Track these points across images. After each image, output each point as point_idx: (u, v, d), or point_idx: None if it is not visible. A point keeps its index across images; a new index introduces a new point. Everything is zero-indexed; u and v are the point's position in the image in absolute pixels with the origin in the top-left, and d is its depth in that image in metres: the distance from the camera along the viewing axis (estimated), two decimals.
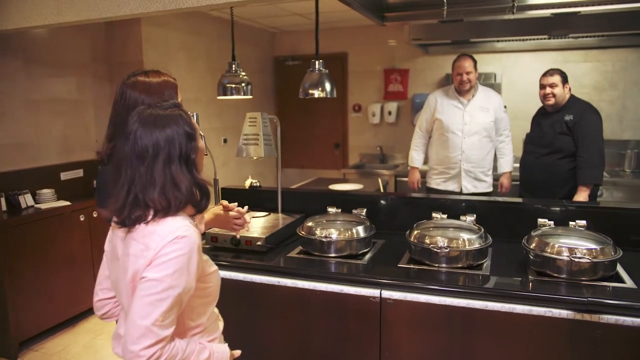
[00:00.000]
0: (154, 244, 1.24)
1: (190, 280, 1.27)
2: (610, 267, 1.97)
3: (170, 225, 1.26)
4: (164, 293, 1.22)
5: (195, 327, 1.40)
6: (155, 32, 4.25)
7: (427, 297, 2.00)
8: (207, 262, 1.42)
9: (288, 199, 2.97)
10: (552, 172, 3.41)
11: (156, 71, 1.76)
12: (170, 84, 1.72)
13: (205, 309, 1.41)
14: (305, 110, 6.15)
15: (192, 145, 1.32)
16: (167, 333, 1.24)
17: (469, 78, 3.52)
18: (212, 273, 1.43)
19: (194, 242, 1.28)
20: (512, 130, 5.20)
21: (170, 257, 1.23)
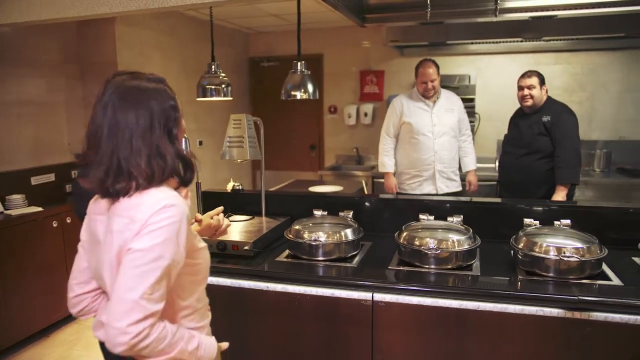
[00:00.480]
0: (141, 214, 1.17)
1: (179, 252, 1.20)
2: (596, 265, 2.01)
3: (156, 195, 1.21)
4: (153, 264, 1.14)
5: (186, 308, 1.32)
6: (129, 31, 4.14)
7: (419, 299, 2.00)
8: (197, 237, 1.35)
9: (271, 201, 2.93)
10: (531, 173, 3.48)
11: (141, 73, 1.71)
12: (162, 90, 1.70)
13: (195, 287, 1.34)
14: (280, 112, 6.10)
15: (177, 117, 1.31)
16: (157, 308, 1.16)
17: (433, 85, 3.57)
18: (202, 249, 1.35)
19: (182, 211, 1.21)
20: (486, 130, 5.34)
21: (160, 225, 1.16)
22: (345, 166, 5.75)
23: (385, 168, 3.76)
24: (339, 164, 5.86)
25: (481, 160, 5.32)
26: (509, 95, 5.08)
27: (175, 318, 1.30)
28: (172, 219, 1.18)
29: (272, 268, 2.27)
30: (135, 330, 1.12)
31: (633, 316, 1.79)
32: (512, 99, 4.99)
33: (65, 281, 1.44)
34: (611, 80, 4.90)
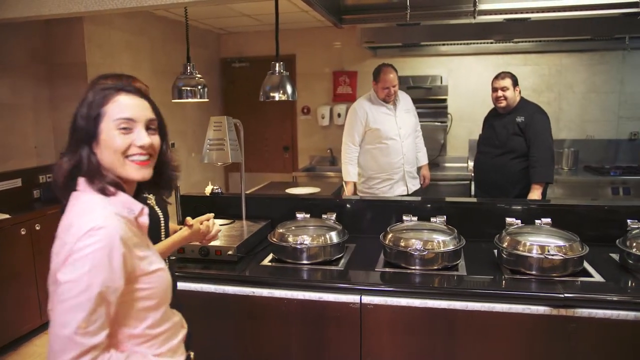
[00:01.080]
0: (70, 237, 1.10)
1: (114, 277, 1.10)
2: (579, 262, 2.06)
3: (89, 216, 1.12)
4: (82, 295, 1.06)
5: (138, 337, 1.19)
6: (98, 31, 4.01)
7: (408, 301, 2.00)
8: (146, 260, 1.20)
9: (251, 205, 2.88)
10: (506, 172, 3.54)
11: (128, 76, 1.71)
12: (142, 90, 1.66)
13: (147, 314, 1.20)
14: (253, 113, 6.03)
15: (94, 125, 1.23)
16: (96, 341, 1.07)
17: (395, 90, 3.59)
18: (153, 273, 1.21)
19: (113, 234, 1.11)
20: (458, 131, 5.42)
21: (85, 253, 1.07)
22: (320, 167, 5.73)
23: (350, 177, 3.70)
24: (313, 165, 5.84)
25: (453, 160, 5.43)
26: (479, 96, 5.20)
27: (124, 346, 1.19)
28: (99, 244, 1.09)
29: (257, 273, 2.23)
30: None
31: (616, 311, 1.84)
32: (483, 99, 5.09)
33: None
34: (577, 81, 5.06)
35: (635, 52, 4.83)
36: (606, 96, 5.02)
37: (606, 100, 5.03)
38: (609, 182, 4.45)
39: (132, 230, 1.18)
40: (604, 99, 5.03)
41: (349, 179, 3.68)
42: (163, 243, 1.75)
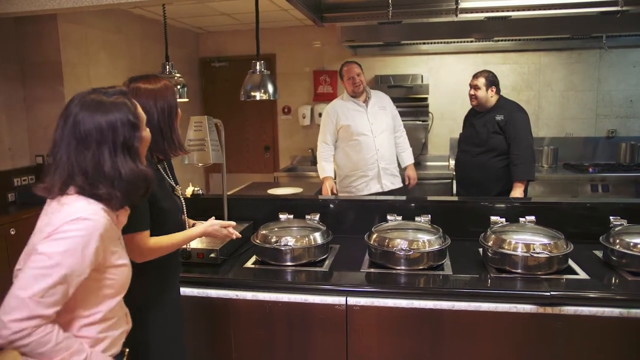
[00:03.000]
0: (56, 220, 1.23)
1: (82, 265, 1.22)
2: (564, 260, 2.06)
3: (76, 206, 1.25)
4: (50, 269, 1.19)
5: (87, 317, 1.31)
6: (73, 29, 3.90)
7: (394, 301, 1.98)
8: (116, 254, 1.34)
9: (233, 206, 2.83)
10: (487, 170, 3.55)
11: (154, 76, 1.74)
12: (169, 87, 1.74)
13: (103, 299, 1.33)
14: (233, 113, 5.96)
15: (136, 134, 1.33)
16: (45, 312, 1.18)
17: (360, 79, 3.60)
18: (119, 267, 1.35)
19: (96, 228, 1.24)
20: (439, 129, 5.43)
21: (67, 235, 1.21)
22: (301, 167, 5.69)
23: (325, 172, 3.67)
24: (294, 165, 5.80)
25: (435, 159, 5.43)
26: (460, 95, 5.21)
27: (73, 324, 1.30)
28: (81, 232, 1.22)
29: (240, 275, 2.18)
30: (16, 328, 1.16)
31: (601, 308, 1.84)
32: (463, 98, 5.09)
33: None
34: (556, 79, 5.11)
35: (611, 51, 4.90)
36: (584, 94, 5.09)
37: (584, 98, 5.10)
38: (588, 180, 4.51)
39: (112, 226, 1.31)
40: (582, 97, 5.09)
41: (324, 174, 3.65)
42: (185, 233, 1.73)
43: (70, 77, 3.86)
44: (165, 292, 1.75)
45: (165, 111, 1.66)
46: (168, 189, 1.76)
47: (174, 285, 1.81)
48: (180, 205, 1.81)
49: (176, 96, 1.75)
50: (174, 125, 1.70)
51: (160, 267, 1.71)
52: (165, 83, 1.71)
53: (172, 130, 1.69)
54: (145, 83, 1.67)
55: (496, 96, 3.55)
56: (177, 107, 1.73)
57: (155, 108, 1.64)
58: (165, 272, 1.74)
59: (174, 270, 1.81)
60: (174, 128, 1.71)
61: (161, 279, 1.73)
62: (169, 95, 1.69)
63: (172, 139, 1.69)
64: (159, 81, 1.70)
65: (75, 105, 1.29)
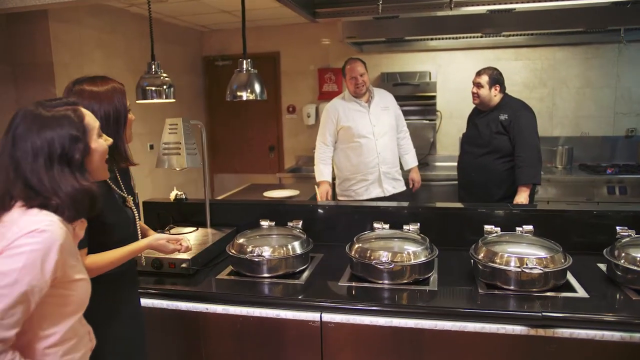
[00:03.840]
0: (10, 234, 1.16)
1: (42, 280, 1.15)
2: (561, 275, 1.87)
3: (33, 218, 1.18)
4: (7, 288, 1.11)
5: (46, 338, 1.23)
6: (66, 29, 3.82)
7: (371, 319, 1.82)
8: (75, 268, 1.26)
9: (218, 211, 2.71)
10: (490, 173, 3.35)
11: (102, 77, 1.62)
12: (118, 90, 1.61)
13: (62, 319, 1.26)
14: (237, 113, 5.86)
15: (77, 146, 1.25)
16: (5, 335, 1.10)
17: (363, 80, 3.40)
18: (78, 281, 1.27)
19: (54, 239, 1.17)
20: (448, 128, 5.23)
21: (22, 250, 1.13)
22: (306, 168, 5.53)
23: (323, 176, 3.49)
24: (299, 165, 5.65)
25: (444, 159, 5.23)
26: (469, 92, 4.99)
27: (34, 347, 1.22)
28: (38, 245, 1.14)
29: (211, 287, 2.06)
30: None
31: (600, 331, 1.66)
32: None
33: None
34: (571, 75, 4.85)
35: (631, 45, 4.62)
36: (601, 91, 4.81)
37: (602, 95, 4.82)
38: (604, 181, 4.25)
39: (70, 239, 1.25)
40: (599, 94, 4.82)
41: (321, 178, 3.49)
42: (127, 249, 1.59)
43: (62, 78, 3.79)
44: (119, 307, 1.63)
45: (111, 117, 1.53)
46: (116, 201, 1.63)
47: (129, 299, 1.69)
48: (132, 217, 1.68)
49: (126, 100, 1.60)
50: (121, 132, 1.57)
51: (112, 282, 1.58)
52: (114, 86, 1.58)
53: (118, 137, 1.55)
54: (90, 85, 1.54)
55: (500, 95, 3.35)
56: (127, 112, 1.59)
57: (99, 113, 1.50)
58: (117, 286, 1.62)
59: (128, 284, 1.68)
60: (121, 136, 1.57)
61: (113, 293, 1.61)
62: (117, 99, 1.56)
63: (118, 147, 1.55)
64: (107, 83, 1.57)
65: (17, 119, 1.25)
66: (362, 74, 3.37)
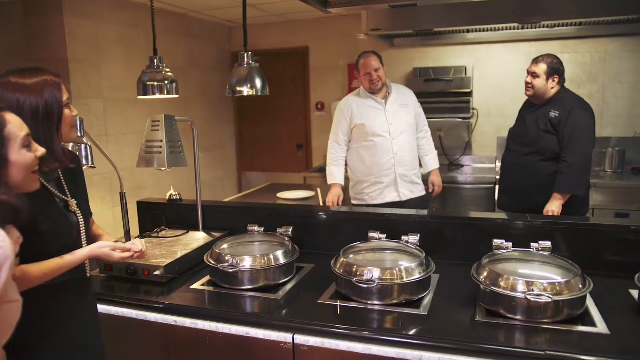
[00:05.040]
0: None
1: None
2: (577, 304, 1.56)
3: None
4: None
5: None
6: (82, 24, 3.79)
7: (348, 345, 1.59)
8: (13, 288, 1.16)
9: (211, 214, 2.54)
10: (534, 175, 3.00)
11: (34, 69, 1.45)
12: (51, 83, 1.43)
13: None
14: (265, 110, 5.72)
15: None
16: None
17: (378, 75, 3.12)
18: (13, 302, 1.15)
19: (6, 256, 1.07)
20: (485, 127, 4.85)
21: None
22: None
23: (334, 179, 3.25)
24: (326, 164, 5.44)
25: (479, 161, 4.87)
26: (509, 88, 4.63)
27: None
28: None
29: (181, 299, 1.88)
30: None
31: None
32: (513, 92, 4.52)
33: None
34: (624, 70, 4.35)
35: None
36: None
37: None
38: None
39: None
40: None
41: (332, 180, 3.25)
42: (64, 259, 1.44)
43: (77, 74, 3.76)
44: (60, 322, 1.48)
45: (40, 112, 1.37)
46: (55, 206, 1.47)
47: (74, 312, 1.52)
48: (76, 223, 1.52)
49: (61, 95, 1.43)
50: (52, 130, 1.40)
51: (51, 294, 1.44)
52: (46, 79, 1.41)
53: (49, 136, 1.39)
54: (18, 77, 1.37)
55: (558, 87, 2.97)
56: (61, 108, 1.43)
57: (24, 108, 1.35)
58: (58, 299, 1.47)
59: (73, 296, 1.52)
60: (53, 134, 1.41)
61: (54, 306, 1.46)
62: (47, 93, 1.38)
63: (50, 147, 1.39)
64: (38, 75, 1.40)
65: None
66: (377, 68, 3.10)
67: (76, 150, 1.96)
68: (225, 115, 5.82)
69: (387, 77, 3.25)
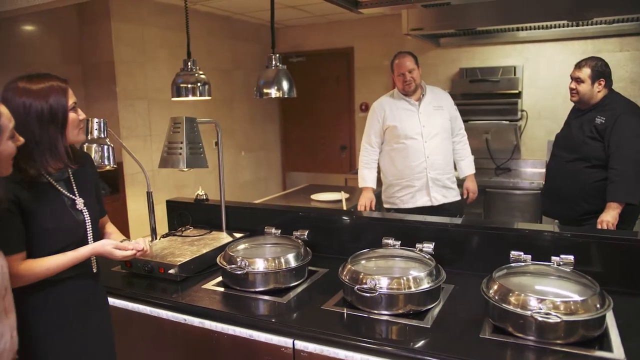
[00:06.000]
0: None
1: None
2: (593, 325, 1.44)
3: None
4: None
5: None
6: (128, 29, 3.96)
7: (347, 354, 1.55)
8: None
9: (236, 215, 2.58)
10: (578, 182, 2.84)
11: (42, 75, 1.52)
12: (56, 89, 1.50)
13: None
14: (310, 110, 5.74)
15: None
16: None
17: (412, 77, 3.02)
18: None
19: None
20: (535, 131, 4.62)
21: None
22: None
23: (365, 182, 3.20)
24: None
25: (529, 165, 4.65)
26: (562, 89, 4.34)
27: None
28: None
29: (190, 298, 1.91)
30: None
31: None
32: (565, 93, 4.21)
33: None
34: None
35: None
36: None
37: None
38: None
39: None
40: None
41: (363, 184, 3.20)
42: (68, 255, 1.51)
43: (123, 77, 3.93)
44: (62, 315, 1.54)
45: (44, 115, 1.44)
46: (62, 204, 1.54)
47: (76, 306, 1.58)
48: (82, 221, 1.58)
49: (66, 100, 1.49)
50: (57, 131, 1.47)
51: (50, 287, 1.50)
52: (52, 84, 1.47)
53: (53, 138, 1.46)
54: (26, 82, 1.46)
55: (605, 91, 2.79)
56: (66, 111, 1.49)
57: (30, 111, 1.42)
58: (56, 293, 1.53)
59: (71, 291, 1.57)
60: (57, 136, 1.47)
61: (51, 300, 1.52)
62: (52, 98, 1.45)
63: (56, 147, 1.46)
64: (45, 81, 1.47)
65: None
66: (412, 69, 3.02)
67: (98, 152, 2.04)
68: (270, 116, 5.89)
69: (433, 77, 3.18)
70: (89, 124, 2.04)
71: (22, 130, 1.41)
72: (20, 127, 1.40)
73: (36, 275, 1.44)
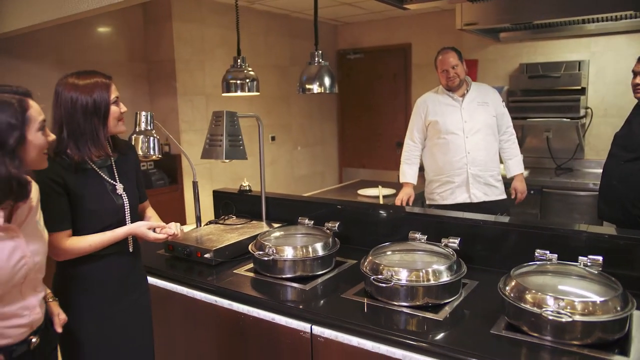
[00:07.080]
0: None
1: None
2: (611, 328, 1.39)
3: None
4: None
5: None
6: (187, 28, 4.19)
7: (359, 341, 1.60)
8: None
9: (276, 206, 2.68)
10: (634, 184, 2.68)
11: (89, 72, 1.70)
12: (100, 84, 1.67)
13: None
14: (367, 107, 5.76)
15: (13, 134, 1.29)
16: None
17: (456, 72, 2.98)
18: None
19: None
20: (601, 129, 4.37)
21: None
22: None
23: (405, 178, 3.20)
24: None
25: (593, 165, 4.41)
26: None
27: None
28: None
29: (222, 282, 2.03)
30: None
31: None
32: None
33: None
34: None
35: None
36: None
37: None
38: None
39: None
40: None
41: (403, 179, 3.20)
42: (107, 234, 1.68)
43: (183, 74, 4.16)
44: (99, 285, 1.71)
45: (88, 108, 1.60)
46: (103, 188, 1.70)
47: (113, 280, 1.74)
48: (121, 205, 1.73)
49: (109, 94, 1.65)
50: (99, 122, 1.63)
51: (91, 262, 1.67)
52: (97, 80, 1.64)
53: (96, 129, 1.62)
54: (74, 78, 1.63)
55: None
56: (108, 105, 1.64)
57: (76, 105, 1.59)
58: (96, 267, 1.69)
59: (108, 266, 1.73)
60: (99, 127, 1.63)
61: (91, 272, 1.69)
62: (97, 93, 1.62)
63: (98, 137, 1.62)
64: (91, 77, 1.64)
65: None
66: (455, 65, 2.99)
67: (145, 142, 2.21)
68: (327, 112, 5.97)
69: (492, 73, 3.12)
70: (137, 117, 2.21)
71: (69, 121, 1.59)
72: (67, 118, 1.59)
73: (79, 251, 1.61)
